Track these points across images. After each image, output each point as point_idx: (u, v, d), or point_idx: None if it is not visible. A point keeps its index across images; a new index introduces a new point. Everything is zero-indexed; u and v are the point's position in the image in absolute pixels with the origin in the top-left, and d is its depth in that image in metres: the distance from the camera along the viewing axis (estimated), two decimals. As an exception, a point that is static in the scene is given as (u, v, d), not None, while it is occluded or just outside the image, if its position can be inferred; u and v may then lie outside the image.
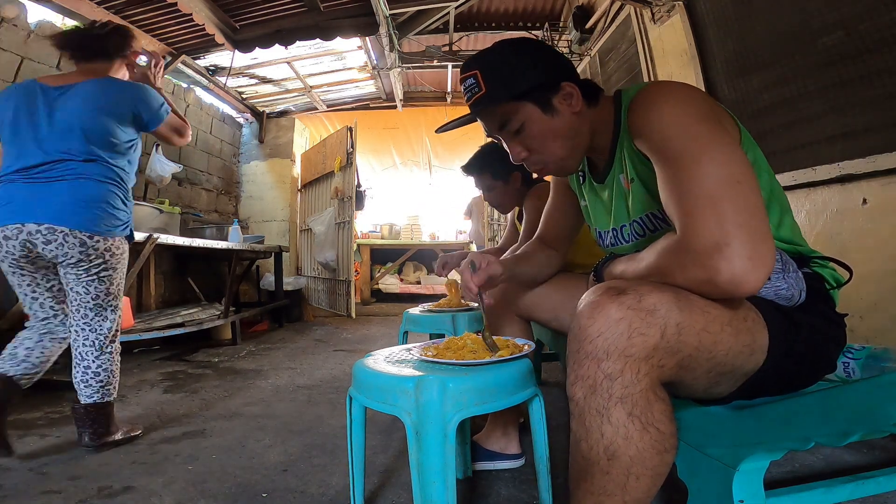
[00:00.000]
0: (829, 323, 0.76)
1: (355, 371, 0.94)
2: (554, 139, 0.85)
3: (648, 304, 0.58)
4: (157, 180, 3.44)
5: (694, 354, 0.60)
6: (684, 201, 0.62)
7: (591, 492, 0.60)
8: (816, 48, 1.65)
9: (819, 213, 1.69)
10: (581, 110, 0.84)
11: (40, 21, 2.77)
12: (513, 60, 0.83)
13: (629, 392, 0.57)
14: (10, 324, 2.17)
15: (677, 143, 0.66)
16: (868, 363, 1.19)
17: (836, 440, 0.62)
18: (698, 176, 0.62)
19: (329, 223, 4.69)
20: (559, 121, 0.83)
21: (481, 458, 1.26)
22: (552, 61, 0.85)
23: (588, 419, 0.59)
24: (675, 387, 0.68)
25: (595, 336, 0.58)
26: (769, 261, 0.58)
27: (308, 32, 3.28)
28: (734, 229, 0.57)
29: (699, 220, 0.60)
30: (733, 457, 0.64)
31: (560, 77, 0.83)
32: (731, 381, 0.69)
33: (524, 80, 0.82)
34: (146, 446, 1.47)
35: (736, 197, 0.59)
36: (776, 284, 0.71)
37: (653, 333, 0.57)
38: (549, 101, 0.83)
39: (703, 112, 0.68)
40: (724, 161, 0.62)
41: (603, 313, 0.58)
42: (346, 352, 3.10)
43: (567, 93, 0.83)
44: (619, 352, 0.57)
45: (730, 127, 0.74)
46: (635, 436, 0.57)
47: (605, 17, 3.27)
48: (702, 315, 0.60)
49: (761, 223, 0.59)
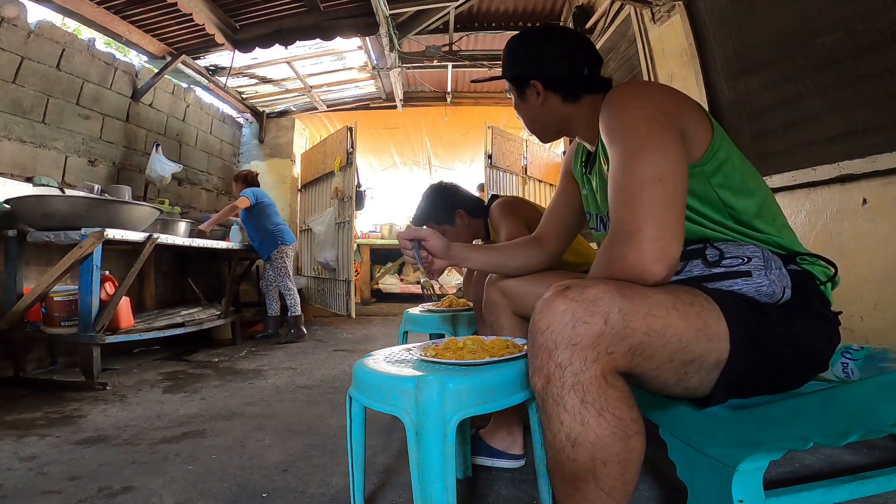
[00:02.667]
0: (817, 320, 0.75)
1: (355, 371, 0.94)
2: (524, 117, 1.04)
3: (590, 294, 0.61)
4: (157, 180, 3.44)
5: (645, 340, 0.62)
6: (615, 196, 0.71)
7: (565, 480, 0.62)
8: (816, 48, 1.65)
9: (819, 213, 1.69)
10: (545, 104, 0.98)
11: (40, 21, 2.77)
12: (520, 50, 1.00)
13: (579, 379, 0.60)
14: (9, 324, 2.17)
15: (618, 141, 0.74)
16: (867, 363, 1.19)
17: (835, 440, 0.62)
18: (628, 172, 0.70)
19: (329, 223, 4.69)
20: (527, 106, 1.01)
21: (483, 453, 1.26)
22: (539, 60, 0.97)
23: (548, 408, 0.62)
24: (645, 380, 0.68)
25: (545, 329, 0.62)
26: (673, 248, 0.65)
27: (308, 32, 3.28)
28: (648, 218, 0.65)
29: (620, 212, 0.69)
30: (733, 457, 0.64)
31: (533, 75, 0.97)
32: (701, 373, 0.69)
33: (514, 67, 1.00)
34: (146, 446, 1.47)
35: (653, 192, 0.67)
36: (757, 281, 0.71)
37: (595, 321, 0.60)
38: (522, 91, 0.99)
39: (651, 114, 0.74)
40: (654, 160, 0.69)
41: (550, 308, 0.62)
42: (346, 352, 3.10)
43: (533, 88, 0.97)
44: (566, 342, 0.60)
45: (692, 126, 0.76)
46: (591, 421, 0.60)
47: (605, 17, 3.27)
48: (644, 299, 0.63)
49: (674, 216, 0.66)
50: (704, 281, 0.73)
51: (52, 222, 2.20)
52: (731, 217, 0.80)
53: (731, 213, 0.79)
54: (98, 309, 2.21)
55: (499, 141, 4.92)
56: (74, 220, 2.19)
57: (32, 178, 2.65)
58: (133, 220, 2.42)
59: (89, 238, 2.13)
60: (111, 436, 1.57)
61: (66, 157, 2.93)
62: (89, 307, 2.16)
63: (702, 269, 0.74)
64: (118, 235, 2.23)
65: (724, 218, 0.80)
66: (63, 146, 2.91)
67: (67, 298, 2.29)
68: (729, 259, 0.73)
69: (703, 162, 0.78)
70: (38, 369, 2.52)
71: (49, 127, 2.81)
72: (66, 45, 2.90)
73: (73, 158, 2.99)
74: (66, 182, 2.89)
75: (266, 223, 3.49)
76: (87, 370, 2.17)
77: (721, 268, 0.73)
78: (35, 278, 2.43)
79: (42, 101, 2.77)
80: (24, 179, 2.60)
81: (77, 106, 3.01)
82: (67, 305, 2.28)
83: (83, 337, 2.16)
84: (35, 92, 2.72)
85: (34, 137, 2.72)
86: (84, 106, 3.06)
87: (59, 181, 2.82)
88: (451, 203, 1.77)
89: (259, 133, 5.25)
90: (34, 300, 2.17)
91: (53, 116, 2.83)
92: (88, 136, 3.10)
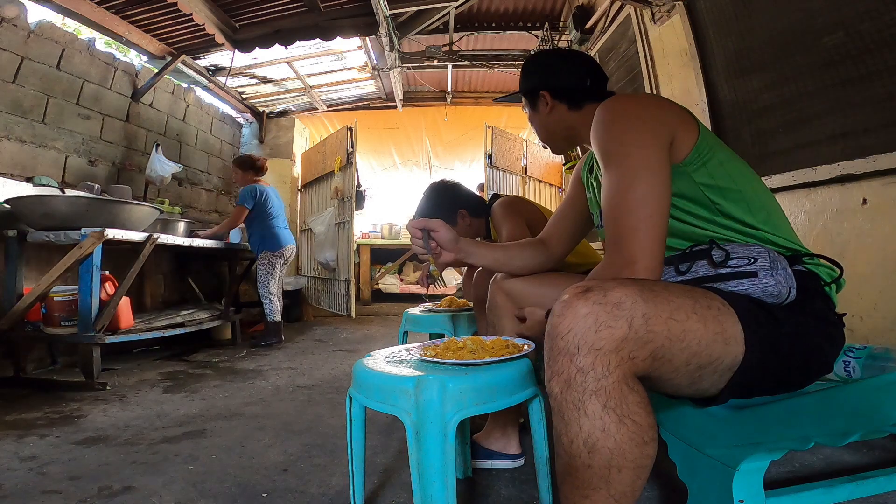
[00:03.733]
0: (822, 321, 0.75)
1: (355, 371, 0.94)
2: (537, 127, 1.14)
3: (614, 298, 0.60)
4: (157, 180, 3.44)
5: (666, 344, 0.62)
6: (611, 222, 0.76)
7: (576, 486, 0.61)
8: (816, 48, 1.65)
9: (819, 213, 1.69)
10: (553, 112, 1.07)
11: (40, 21, 2.76)
12: (531, 66, 1.13)
13: (602, 385, 0.59)
14: (10, 324, 2.17)
15: (612, 167, 0.78)
16: (868, 363, 1.19)
17: (836, 440, 0.62)
18: (623, 204, 0.75)
19: (329, 223, 4.69)
20: (539, 116, 1.11)
21: (480, 456, 1.27)
22: (548, 73, 1.09)
23: (567, 413, 0.61)
24: (658, 382, 0.68)
25: (565, 332, 0.60)
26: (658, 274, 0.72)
27: (308, 32, 3.28)
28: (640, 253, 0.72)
29: (618, 242, 0.75)
30: (733, 457, 0.64)
31: (542, 86, 1.08)
32: (714, 375, 0.69)
33: (526, 81, 1.13)
34: (146, 446, 1.47)
35: (647, 228, 0.73)
36: (764, 282, 0.71)
37: (620, 325, 0.59)
38: (535, 102, 1.10)
39: (642, 139, 0.77)
40: (646, 191, 0.74)
41: (571, 310, 0.61)
42: (346, 352, 3.10)
43: (542, 98, 1.08)
44: (589, 346, 0.59)
45: (680, 134, 0.80)
46: (612, 427, 0.58)
47: (605, 17, 3.27)
48: (667, 304, 0.62)
49: (660, 249, 0.73)
50: (710, 281, 0.73)
51: (52, 222, 2.20)
52: (721, 214, 0.80)
53: (720, 209, 0.80)
54: (98, 309, 2.21)
55: (499, 141, 4.92)
56: (74, 220, 2.19)
57: (32, 178, 2.65)
58: (133, 220, 2.42)
59: (89, 238, 2.13)
60: (111, 436, 1.57)
61: (66, 157, 2.93)
62: (89, 307, 2.16)
63: (707, 269, 0.74)
64: (118, 235, 2.23)
65: (714, 215, 0.81)
66: (63, 146, 2.91)
67: (67, 298, 2.29)
68: (735, 259, 0.73)
69: (687, 162, 0.80)
70: (38, 369, 2.52)
71: (49, 127, 2.81)
72: (66, 45, 2.90)
73: (73, 158, 2.99)
74: (66, 182, 2.89)
75: (259, 224, 3.36)
76: (87, 370, 2.17)
77: (727, 268, 0.73)
78: (35, 278, 2.43)
79: (42, 101, 2.76)
80: (24, 179, 2.60)
81: (77, 106, 3.01)
82: (67, 305, 2.28)
83: (83, 337, 2.16)
84: (35, 92, 2.72)
85: (34, 137, 2.72)
86: (84, 106, 3.06)
87: (59, 181, 2.82)
88: (453, 202, 1.76)
89: (259, 133, 5.25)
90: (34, 300, 2.17)
91: (53, 116, 2.83)
92: (88, 136, 3.10)
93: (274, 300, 3.38)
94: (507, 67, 4.55)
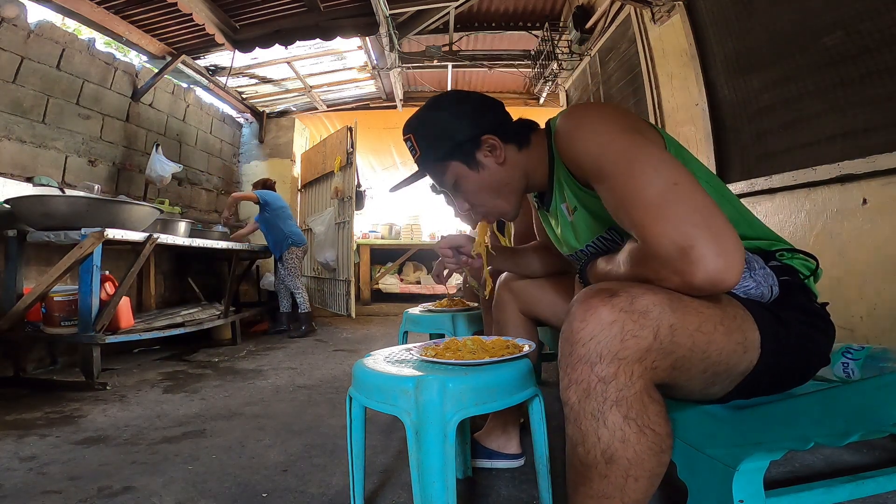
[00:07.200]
0: (810, 315, 0.75)
1: (355, 371, 0.94)
2: (486, 192, 0.89)
3: (641, 305, 0.57)
4: (157, 180, 3.44)
5: (688, 355, 0.60)
6: (634, 214, 0.62)
7: (589, 496, 0.60)
8: (816, 48, 1.65)
9: (819, 213, 1.69)
10: (507, 159, 0.87)
11: (40, 21, 2.76)
12: (438, 120, 0.87)
13: (624, 395, 0.57)
14: (10, 324, 2.17)
15: (606, 162, 0.68)
16: (868, 363, 1.19)
17: (836, 440, 0.62)
18: (637, 187, 0.62)
19: (329, 223, 4.69)
20: (486, 174, 0.87)
21: (480, 455, 1.27)
22: (476, 114, 0.87)
23: (584, 423, 0.59)
24: (670, 388, 0.67)
25: (587, 339, 0.58)
26: (737, 251, 0.57)
27: (308, 32, 3.28)
28: (692, 230, 0.57)
29: (655, 229, 0.59)
30: (733, 457, 0.64)
31: (481, 131, 0.85)
32: (726, 381, 0.68)
33: (448, 139, 0.86)
34: (146, 446, 1.47)
35: (680, 199, 0.59)
36: (744, 284, 0.70)
37: (646, 335, 0.57)
38: (473, 157, 0.86)
39: (621, 125, 0.70)
40: (656, 166, 0.63)
41: (595, 316, 0.57)
42: (346, 352, 3.10)
43: (489, 145, 0.85)
44: (613, 355, 0.56)
45: (651, 135, 0.75)
46: (632, 438, 0.57)
47: (605, 17, 3.27)
48: (696, 315, 0.60)
49: (717, 217, 0.58)
50: None
51: (52, 222, 2.20)
52: None
53: None
54: (98, 309, 2.20)
55: (499, 141, 4.91)
56: (74, 220, 2.19)
57: (32, 178, 2.65)
58: (133, 220, 2.42)
59: (89, 238, 2.13)
60: (111, 436, 1.57)
61: (66, 157, 2.93)
62: (89, 307, 2.16)
63: None
64: (118, 235, 2.23)
65: None
66: (63, 146, 2.91)
67: (67, 298, 2.29)
68: None
69: None
70: (38, 369, 2.52)
71: (49, 127, 2.81)
72: (66, 45, 2.90)
73: (73, 158, 2.98)
74: (66, 182, 2.89)
75: (280, 224, 3.72)
76: (87, 370, 2.17)
77: None
78: (35, 278, 2.43)
79: (42, 101, 2.76)
80: (24, 179, 2.60)
81: (77, 106, 3.01)
82: (67, 305, 2.28)
83: (83, 337, 2.16)
84: (35, 92, 2.71)
85: (34, 137, 2.72)
86: (84, 106, 3.06)
87: (59, 181, 2.82)
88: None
89: (259, 133, 5.25)
90: (34, 300, 2.17)
91: (53, 116, 2.83)
92: (88, 136, 3.10)
93: (304, 292, 3.83)
94: (507, 67, 4.55)
